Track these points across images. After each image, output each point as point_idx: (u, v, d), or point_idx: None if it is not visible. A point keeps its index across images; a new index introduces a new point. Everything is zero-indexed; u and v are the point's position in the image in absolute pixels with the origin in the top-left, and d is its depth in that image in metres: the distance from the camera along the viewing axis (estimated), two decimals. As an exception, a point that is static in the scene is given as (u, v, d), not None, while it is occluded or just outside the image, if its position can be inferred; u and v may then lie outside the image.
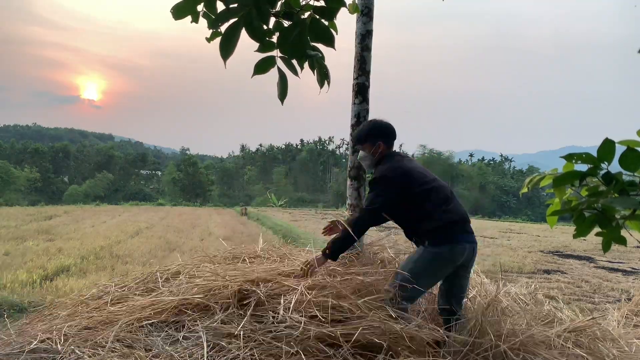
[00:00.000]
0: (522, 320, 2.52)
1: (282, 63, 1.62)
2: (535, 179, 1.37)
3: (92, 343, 2.03)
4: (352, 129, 3.28)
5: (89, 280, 5.76)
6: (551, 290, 5.80)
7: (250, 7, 1.46)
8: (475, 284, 2.98)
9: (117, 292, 2.64)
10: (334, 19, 1.66)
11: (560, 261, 9.01)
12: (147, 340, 2.04)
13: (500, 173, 62.81)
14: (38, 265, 6.55)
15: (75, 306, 2.58)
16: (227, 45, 1.51)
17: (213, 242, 10.58)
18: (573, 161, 1.24)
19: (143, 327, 2.15)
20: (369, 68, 3.29)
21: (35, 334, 2.17)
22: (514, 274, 7.23)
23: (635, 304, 4.25)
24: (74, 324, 2.25)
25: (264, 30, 1.53)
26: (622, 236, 1.23)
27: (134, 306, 2.32)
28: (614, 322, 3.78)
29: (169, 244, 9.95)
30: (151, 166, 66.57)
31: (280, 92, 1.65)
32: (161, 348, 1.97)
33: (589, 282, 6.63)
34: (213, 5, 1.58)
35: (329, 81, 1.73)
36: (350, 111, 3.32)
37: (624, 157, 1.15)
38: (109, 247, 8.97)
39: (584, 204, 1.26)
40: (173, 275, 2.76)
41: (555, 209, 1.39)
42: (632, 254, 10.45)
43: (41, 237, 10.12)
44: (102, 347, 1.99)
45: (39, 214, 16.71)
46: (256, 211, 24.95)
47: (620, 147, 1.18)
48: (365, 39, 3.27)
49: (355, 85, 3.28)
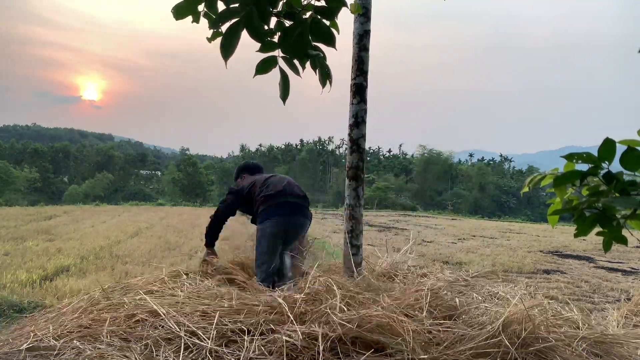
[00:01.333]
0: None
1: (284, 63, 1.63)
2: (536, 178, 1.38)
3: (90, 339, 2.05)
4: (350, 129, 3.29)
5: (88, 280, 5.76)
6: (551, 290, 5.81)
7: (251, 7, 1.46)
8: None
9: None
10: (335, 18, 1.66)
11: (560, 261, 9.01)
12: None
13: (500, 173, 62.86)
14: (38, 266, 6.55)
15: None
16: (228, 45, 1.51)
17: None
18: (574, 161, 1.25)
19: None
20: (367, 68, 3.29)
21: (34, 332, 2.17)
22: (513, 274, 7.23)
23: (634, 304, 4.26)
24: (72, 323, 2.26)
25: (265, 30, 1.53)
26: (623, 236, 1.24)
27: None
28: (614, 322, 3.78)
29: (169, 244, 9.94)
30: (151, 166, 66.56)
31: (282, 92, 1.65)
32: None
33: (589, 282, 6.64)
34: (214, 5, 1.58)
35: (330, 81, 1.73)
36: (349, 112, 3.32)
37: (625, 157, 1.15)
38: (108, 247, 8.96)
39: (585, 203, 1.26)
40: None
41: (556, 208, 1.39)
42: (631, 253, 10.46)
43: (41, 237, 10.11)
44: (100, 342, 2.00)
45: (38, 214, 16.69)
46: (256, 211, 24.90)
47: (621, 146, 1.18)
48: (363, 39, 3.27)
49: (353, 86, 3.28)
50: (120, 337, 2.04)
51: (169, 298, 2.42)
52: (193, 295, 2.44)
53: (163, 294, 2.52)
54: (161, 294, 2.52)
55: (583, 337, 2.10)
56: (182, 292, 2.52)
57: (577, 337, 2.10)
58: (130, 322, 2.16)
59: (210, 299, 2.36)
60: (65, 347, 1.99)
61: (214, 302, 2.29)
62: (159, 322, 2.09)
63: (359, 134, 3.27)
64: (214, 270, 3.28)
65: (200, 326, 2.04)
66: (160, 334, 2.01)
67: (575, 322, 2.41)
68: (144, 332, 2.03)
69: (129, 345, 1.95)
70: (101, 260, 7.39)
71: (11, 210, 18.77)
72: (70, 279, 5.79)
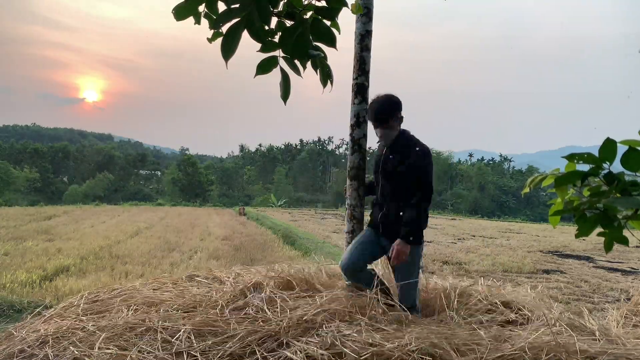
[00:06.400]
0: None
1: (285, 63, 1.62)
2: (537, 179, 1.37)
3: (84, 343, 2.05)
4: (352, 129, 3.28)
5: (88, 280, 5.76)
6: (551, 290, 5.81)
7: (251, 8, 1.46)
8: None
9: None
10: (335, 19, 1.66)
11: (560, 261, 9.01)
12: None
13: (500, 173, 62.84)
14: (37, 266, 6.54)
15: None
16: (229, 45, 1.51)
17: (212, 242, 10.59)
18: (575, 161, 1.24)
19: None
20: (369, 68, 3.28)
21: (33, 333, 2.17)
22: (513, 274, 7.23)
23: (634, 303, 4.25)
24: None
25: (265, 30, 1.52)
26: (624, 236, 1.24)
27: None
28: (613, 322, 3.78)
29: (169, 244, 9.95)
30: (150, 166, 66.51)
31: (283, 92, 1.65)
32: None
33: (589, 282, 6.64)
34: (214, 6, 1.58)
35: (332, 81, 1.72)
36: (350, 111, 3.31)
37: (626, 157, 1.15)
38: (108, 247, 8.96)
39: (586, 203, 1.26)
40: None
41: (558, 208, 1.39)
42: (631, 253, 10.46)
43: (41, 238, 10.11)
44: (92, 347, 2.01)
45: (38, 214, 16.68)
46: (256, 211, 24.93)
47: (622, 147, 1.18)
48: (365, 39, 3.26)
49: (355, 86, 3.27)
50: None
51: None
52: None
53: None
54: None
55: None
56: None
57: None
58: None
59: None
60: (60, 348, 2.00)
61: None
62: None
63: (360, 134, 3.26)
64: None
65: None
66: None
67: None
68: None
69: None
70: (101, 260, 7.39)
71: (11, 211, 18.76)
72: (70, 279, 5.79)
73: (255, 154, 72.60)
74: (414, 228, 2.64)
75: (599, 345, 2.19)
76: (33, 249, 8.24)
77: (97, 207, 26.51)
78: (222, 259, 7.88)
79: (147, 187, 59.55)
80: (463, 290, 3.04)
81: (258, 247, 9.78)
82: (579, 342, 2.16)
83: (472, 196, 52.25)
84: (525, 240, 13.73)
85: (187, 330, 2.15)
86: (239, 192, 58.51)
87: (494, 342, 2.12)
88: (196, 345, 2.03)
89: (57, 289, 5.20)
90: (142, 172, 64.97)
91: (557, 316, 2.65)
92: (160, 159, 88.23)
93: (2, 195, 33.93)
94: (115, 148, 69.93)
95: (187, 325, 2.19)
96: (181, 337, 2.10)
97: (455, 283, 3.25)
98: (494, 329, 2.36)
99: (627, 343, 2.41)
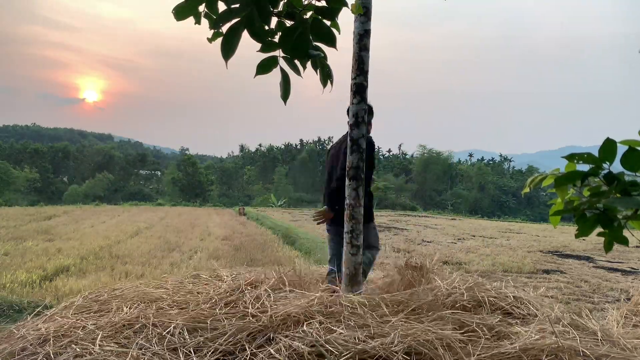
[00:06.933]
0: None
1: (285, 63, 1.62)
2: (537, 179, 1.37)
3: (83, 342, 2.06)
4: (350, 129, 3.28)
5: (88, 280, 5.76)
6: (550, 290, 5.81)
7: (251, 7, 1.46)
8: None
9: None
10: (335, 18, 1.66)
11: (560, 261, 9.01)
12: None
13: (500, 173, 62.87)
14: (37, 266, 6.54)
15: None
16: (229, 45, 1.51)
17: (212, 242, 10.59)
18: (575, 161, 1.24)
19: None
20: (367, 68, 3.28)
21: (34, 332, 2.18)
22: (513, 273, 7.23)
23: (634, 303, 4.25)
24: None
25: (265, 30, 1.53)
26: (624, 236, 1.24)
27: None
28: (613, 322, 3.78)
29: (169, 244, 9.95)
30: (150, 166, 66.52)
31: (283, 92, 1.65)
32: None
33: (588, 282, 6.64)
34: (214, 6, 1.58)
35: (332, 81, 1.72)
36: (349, 111, 3.32)
37: (626, 157, 1.15)
38: (108, 247, 8.96)
39: (586, 204, 1.26)
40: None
41: (558, 209, 1.39)
42: (631, 253, 10.46)
43: (40, 238, 10.11)
44: (93, 344, 2.01)
45: (38, 214, 16.68)
46: (256, 211, 24.92)
47: (622, 147, 1.18)
48: (363, 38, 3.26)
49: (354, 86, 3.27)
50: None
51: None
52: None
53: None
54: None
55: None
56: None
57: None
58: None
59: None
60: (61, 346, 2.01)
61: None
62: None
63: (359, 134, 3.26)
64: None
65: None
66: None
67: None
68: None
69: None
70: (101, 260, 7.39)
71: (11, 211, 18.77)
72: (70, 279, 5.79)
73: (255, 154, 72.60)
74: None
75: (604, 349, 2.19)
76: (33, 249, 8.24)
77: (97, 207, 26.51)
78: (222, 259, 7.88)
79: (147, 187, 59.56)
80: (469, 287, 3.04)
81: (258, 247, 9.78)
82: (582, 344, 2.16)
83: (472, 196, 52.27)
84: (525, 240, 13.74)
85: (178, 326, 2.16)
86: (239, 192, 58.53)
87: (493, 341, 2.12)
88: (189, 341, 2.05)
89: (57, 289, 5.20)
90: (142, 172, 64.98)
91: (560, 316, 2.65)
92: (160, 159, 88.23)
93: (2, 195, 33.94)
94: (115, 148, 69.93)
95: (178, 321, 2.21)
96: (174, 332, 2.12)
97: (456, 280, 3.25)
98: (494, 326, 2.36)
99: (629, 345, 2.41)
